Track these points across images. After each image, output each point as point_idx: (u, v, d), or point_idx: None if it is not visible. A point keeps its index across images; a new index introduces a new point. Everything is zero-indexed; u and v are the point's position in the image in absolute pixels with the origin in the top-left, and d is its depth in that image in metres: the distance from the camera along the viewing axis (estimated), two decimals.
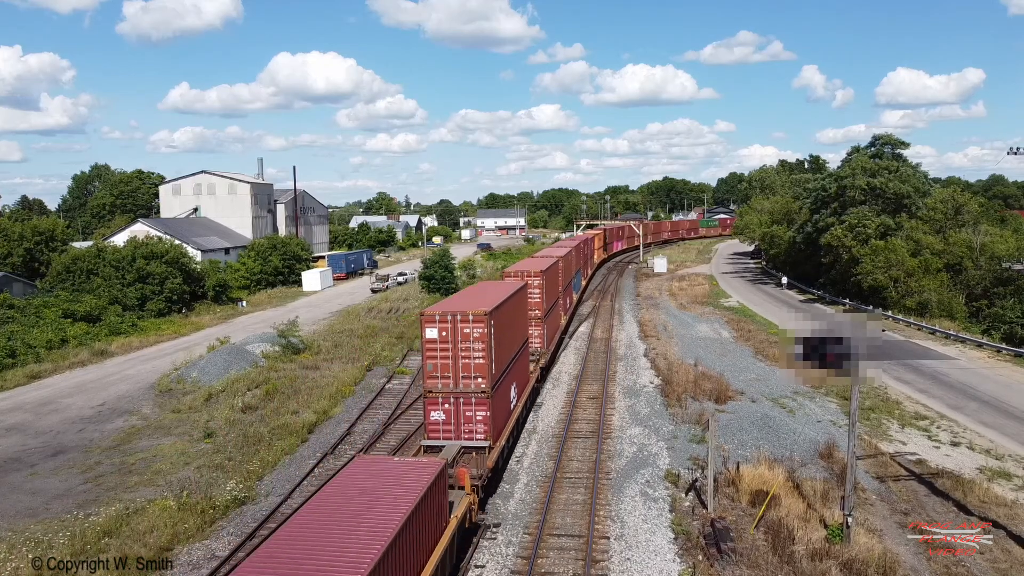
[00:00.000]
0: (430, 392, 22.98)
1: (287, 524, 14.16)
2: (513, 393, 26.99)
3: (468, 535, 20.32)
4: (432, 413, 23.06)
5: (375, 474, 16.63)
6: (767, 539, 19.74)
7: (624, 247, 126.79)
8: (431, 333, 22.72)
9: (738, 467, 24.19)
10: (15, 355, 43.95)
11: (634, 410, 32.17)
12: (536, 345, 35.88)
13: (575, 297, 59.02)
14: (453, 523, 17.64)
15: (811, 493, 22.47)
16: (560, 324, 45.54)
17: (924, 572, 18.64)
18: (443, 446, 22.45)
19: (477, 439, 22.87)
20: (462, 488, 20.01)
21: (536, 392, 34.65)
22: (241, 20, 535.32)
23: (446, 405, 22.99)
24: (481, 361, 22.69)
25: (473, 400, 22.81)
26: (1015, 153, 41.81)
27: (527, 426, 30.43)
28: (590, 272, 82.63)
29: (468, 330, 22.58)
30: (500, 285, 31.37)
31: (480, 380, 22.75)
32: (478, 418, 22.94)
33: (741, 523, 20.98)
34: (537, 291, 36.76)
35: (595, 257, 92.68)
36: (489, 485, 23.11)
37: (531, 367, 33.57)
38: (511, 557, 19.56)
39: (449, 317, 22.66)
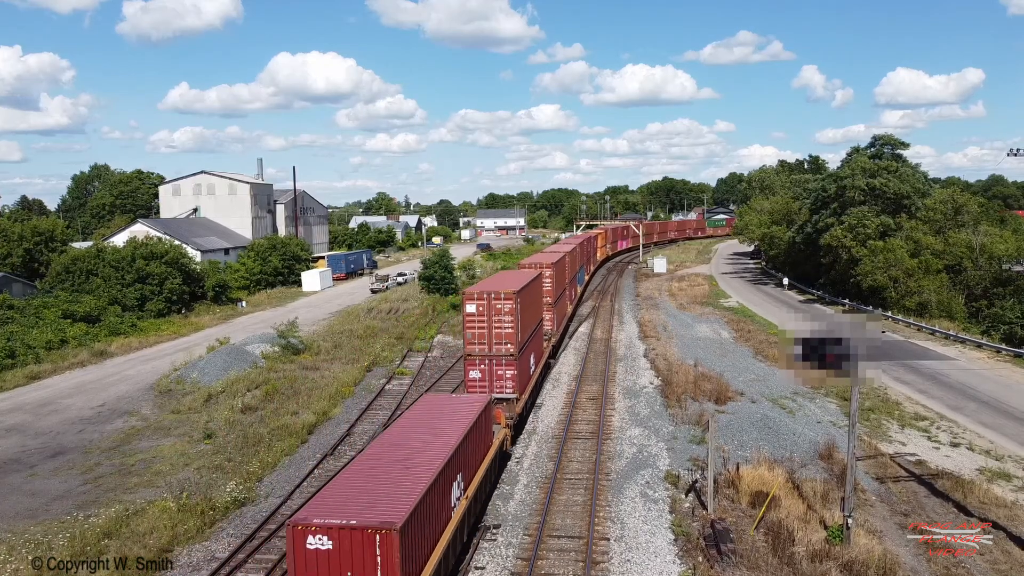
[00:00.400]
0: (470, 355, 28.33)
1: (389, 429, 20.73)
2: (532, 361, 32.41)
3: (505, 459, 26.34)
4: (471, 372, 28.43)
5: (442, 404, 23.37)
6: (767, 540, 19.74)
7: (629, 245, 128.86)
8: (471, 308, 28.15)
9: (738, 468, 24.19)
10: (15, 356, 43.92)
11: (634, 411, 32.17)
12: (548, 327, 40.47)
13: (579, 290, 63.40)
14: (496, 442, 24.32)
15: (811, 494, 22.47)
16: (567, 312, 50.54)
17: (924, 573, 18.64)
18: None
19: (507, 392, 28.22)
20: (499, 424, 25.93)
21: (548, 367, 39.33)
22: (241, 20, 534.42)
23: (482, 366, 28.29)
24: (510, 330, 28.10)
25: (503, 361, 28.18)
26: (1015, 154, 41.73)
27: (527, 427, 30.50)
28: (593, 268, 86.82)
29: (500, 305, 28.02)
30: (520, 273, 36.84)
31: (509, 346, 28.17)
32: (507, 376, 28.27)
33: (741, 524, 20.98)
34: (549, 280, 41.22)
35: (598, 255, 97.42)
36: (516, 427, 28.99)
37: (544, 344, 38.13)
38: (511, 558, 19.55)
39: (485, 295, 28.13)
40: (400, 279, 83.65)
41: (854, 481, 19.64)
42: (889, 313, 57.09)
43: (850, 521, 19.24)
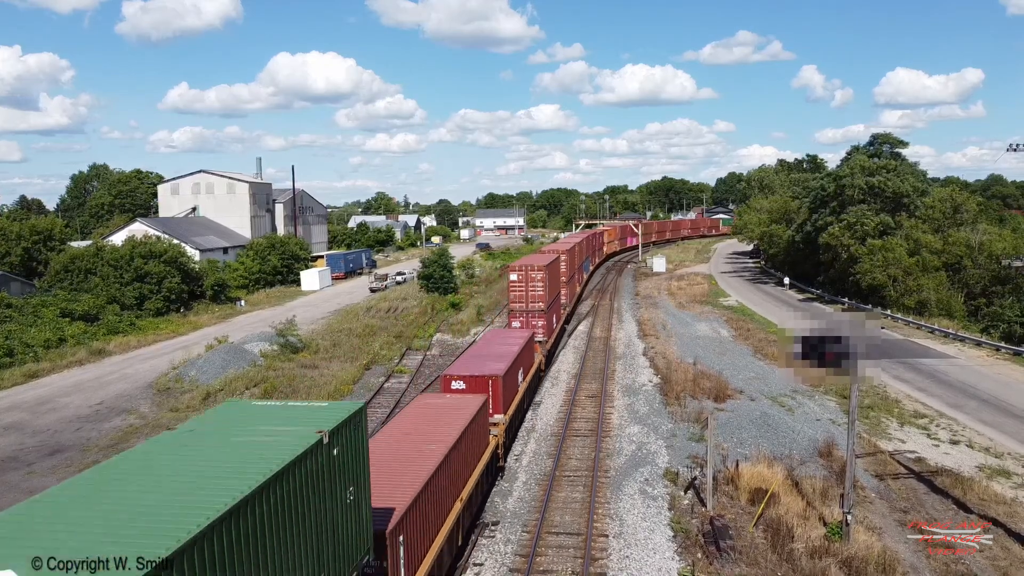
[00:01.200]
0: (513, 310, 40.89)
1: (476, 343, 34.59)
2: (555, 319, 44.39)
3: (540, 377, 36.99)
4: (513, 322, 40.56)
5: (505, 333, 35.12)
6: (766, 537, 19.70)
7: (641, 242, 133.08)
8: (514, 277, 40.93)
9: (737, 465, 24.15)
10: (13, 354, 43.82)
11: (633, 408, 32.12)
12: (563, 300, 50.40)
13: (585, 276, 74.23)
14: (538, 360, 35.63)
15: (810, 491, 22.43)
16: (576, 291, 62.08)
17: (923, 570, 18.61)
18: None
19: (539, 336, 38.82)
20: (537, 352, 35.97)
21: (562, 331, 49.18)
22: (241, 20, 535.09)
23: (521, 317, 40.34)
24: (541, 293, 40.54)
25: (536, 315, 40.39)
26: (1015, 150, 41.63)
27: (525, 424, 30.47)
28: (598, 260, 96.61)
29: (534, 275, 40.55)
30: (545, 255, 48.85)
31: (540, 304, 40.49)
32: (539, 325, 40.04)
33: (740, 521, 20.94)
34: (564, 263, 50.88)
35: (605, 249, 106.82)
36: (547, 359, 39.99)
37: (562, 311, 48.98)
38: (510, 555, 19.51)
39: (524, 268, 41.19)
40: (399, 278, 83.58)
41: (853, 478, 19.60)
42: (888, 311, 57.08)
43: (849, 518, 19.21)
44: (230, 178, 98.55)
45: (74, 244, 75.78)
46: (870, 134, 74.25)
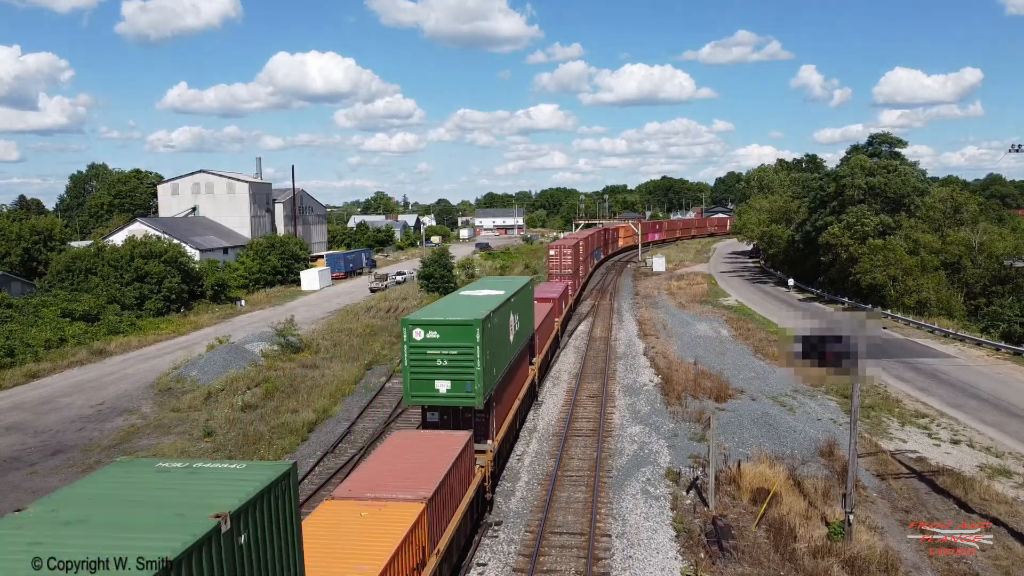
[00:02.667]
0: (551, 275, 58.11)
1: (536, 288, 43.32)
2: (577, 282, 61.75)
3: (572, 311, 55.61)
4: (552, 281, 56.00)
5: (551, 284, 52.69)
6: (768, 537, 19.75)
7: (663, 238, 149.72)
8: (552, 252, 59.68)
9: (739, 465, 24.19)
10: (13, 354, 43.81)
11: (634, 408, 32.17)
12: (581, 272, 66.47)
13: (595, 263, 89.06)
14: (571, 300, 55.47)
15: (812, 491, 22.48)
16: (589, 270, 79.40)
17: (925, 570, 18.66)
18: None
19: (569, 290, 53.73)
20: (570, 297, 53.26)
21: (582, 288, 69.46)
22: (240, 20, 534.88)
23: (557, 278, 56.36)
24: (569, 263, 58.77)
25: (566, 276, 57.41)
26: (1016, 150, 41.67)
27: (527, 424, 30.53)
28: (609, 251, 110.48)
29: (565, 251, 58.92)
30: (570, 239, 67.97)
31: (569, 270, 58.25)
32: (568, 283, 54.50)
33: (742, 521, 20.99)
34: (582, 247, 67.04)
35: (620, 243, 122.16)
36: (575, 302, 59.47)
37: (580, 279, 65.62)
38: (513, 555, 19.54)
39: (558, 247, 59.81)
40: (399, 278, 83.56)
41: (855, 478, 19.65)
42: (888, 311, 57.13)
43: (851, 518, 19.25)
44: (230, 178, 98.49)
45: (74, 244, 75.74)
46: (869, 134, 74.41)
